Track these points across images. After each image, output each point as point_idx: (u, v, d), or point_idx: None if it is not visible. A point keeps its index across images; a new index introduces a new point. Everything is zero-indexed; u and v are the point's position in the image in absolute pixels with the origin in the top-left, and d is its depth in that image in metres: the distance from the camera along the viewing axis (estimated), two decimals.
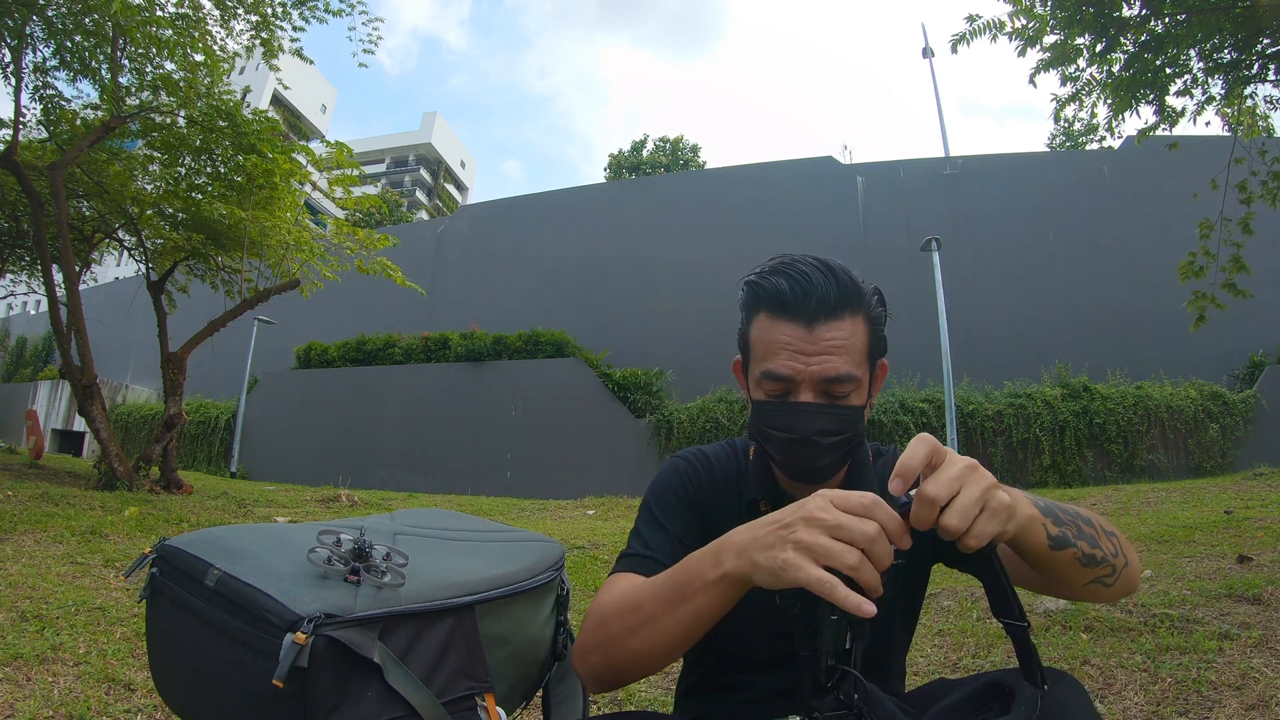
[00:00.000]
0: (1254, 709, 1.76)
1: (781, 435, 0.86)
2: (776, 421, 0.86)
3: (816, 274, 0.84)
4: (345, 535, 0.76)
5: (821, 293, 0.83)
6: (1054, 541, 0.71)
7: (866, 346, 0.87)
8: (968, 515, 0.61)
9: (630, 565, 0.91)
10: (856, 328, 0.86)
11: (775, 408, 0.87)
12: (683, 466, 1.00)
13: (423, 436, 13.01)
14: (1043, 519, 0.71)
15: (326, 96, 46.99)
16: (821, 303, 0.83)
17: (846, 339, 0.84)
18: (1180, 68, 4.05)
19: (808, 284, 0.84)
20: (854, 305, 0.85)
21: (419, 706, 0.72)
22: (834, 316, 0.84)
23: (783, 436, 0.86)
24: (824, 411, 0.84)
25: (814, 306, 0.83)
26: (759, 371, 0.88)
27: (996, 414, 10.04)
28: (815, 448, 0.85)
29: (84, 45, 6.66)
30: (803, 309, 0.84)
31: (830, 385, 0.84)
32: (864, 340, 0.87)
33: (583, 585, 3.46)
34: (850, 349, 0.85)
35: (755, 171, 14.80)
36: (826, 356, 0.83)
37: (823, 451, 0.85)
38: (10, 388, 21.87)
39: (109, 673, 1.96)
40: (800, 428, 0.84)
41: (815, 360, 0.83)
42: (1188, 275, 5.21)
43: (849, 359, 0.84)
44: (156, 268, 8.51)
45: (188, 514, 5.36)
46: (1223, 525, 4.42)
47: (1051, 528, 0.71)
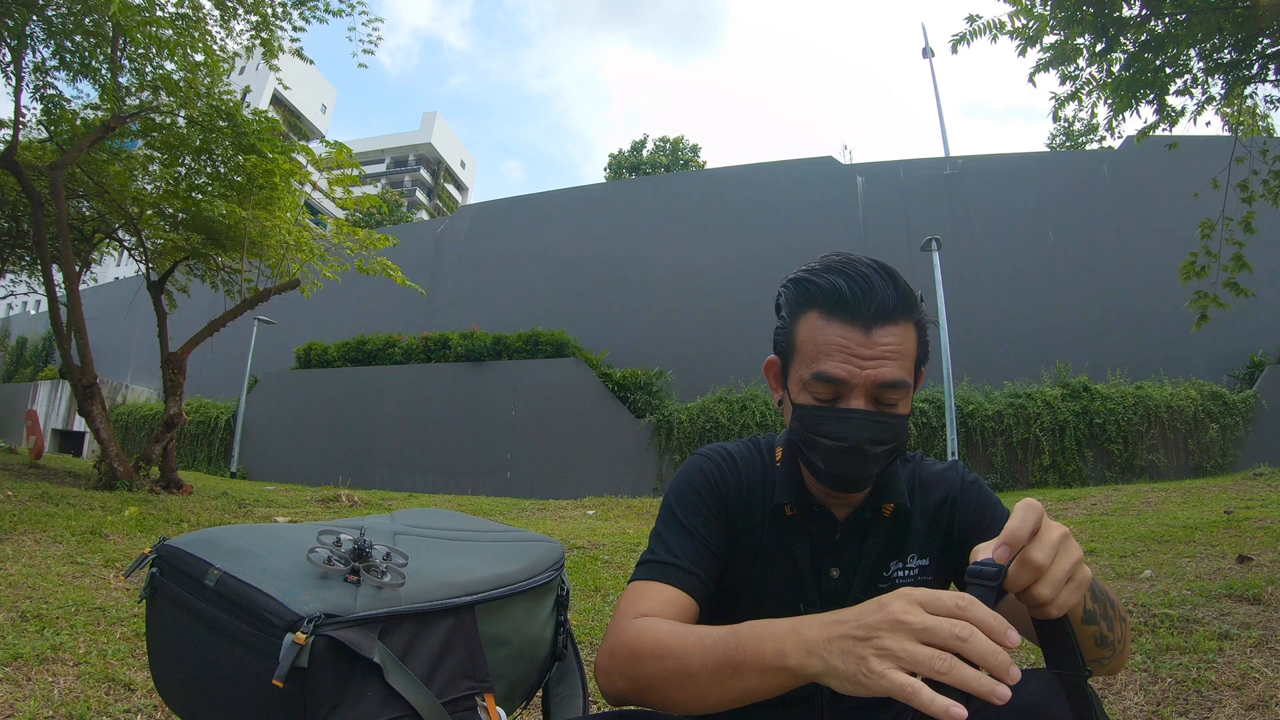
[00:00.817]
0: (1254, 709, 1.76)
1: (830, 443, 0.83)
2: (825, 428, 0.83)
3: (875, 276, 0.82)
4: (345, 535, 0.76)
5: (882, 296, 0.81)
6: (1087, 616, 0.70)
7: (915, 355, 0.86)
8: (1058, 586, 0.60)
9: (657, 574, 0.86)
10: (909, 334, 0.84)
11: (824, 413, 0.83)
12: (707, 465, 0.97)
13: (423, 436, 13.01)
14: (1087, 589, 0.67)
15: (326, 96, 46.97)
16: (881, 306, 0.81)
17: (900, 345, 0.83)
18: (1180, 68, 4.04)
19: (868, 285, 0.82)
20: (909, 312, 0.84)
21: (419, 706, 0.72)
22: (891, 321, 0.82)
23: (831, 444, 0.83)
24: (876, 420, 0.82)
25: (874, 310, 0.81)
26: (809, 373, 0.84)
27: (996, 414, 10.04)
28: (865, 457, 0.83)
29: (84, 45, 6.66)
30: (862, 311, 0.81)
31: (883, 391, 0.82)
32: (914, 347, 0.85)
33: (582, 585, 3.46)
34: (904, 355, 0.83)
35: (755, 171, 14.79)
36: (883, 361, 0.81)
37: (872, 461, 0.83)
38: (10, 388, 21.87)
39: (109, 673, 1.96)
40: (852, 435, 0.82)
41: (871, 364, 0.81)
42: (1189, 275, 5.20)
43: (902, 366, 0.83)
44: (156, 268, 8.51)
45: (188, 514, 5.36)
46: (1223, 525, 4.42)
47: (1090, 602, 0.71)
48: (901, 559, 0.93)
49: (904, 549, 0.93)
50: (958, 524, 0.93)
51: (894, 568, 0.93)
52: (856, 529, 0.93)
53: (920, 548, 0.93)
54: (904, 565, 0.93)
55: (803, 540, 0.94)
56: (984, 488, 0.97)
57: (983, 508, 0.93)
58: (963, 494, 0.95)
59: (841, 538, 0.93)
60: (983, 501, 0.94)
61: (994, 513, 0.93)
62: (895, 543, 0.93)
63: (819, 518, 0.93)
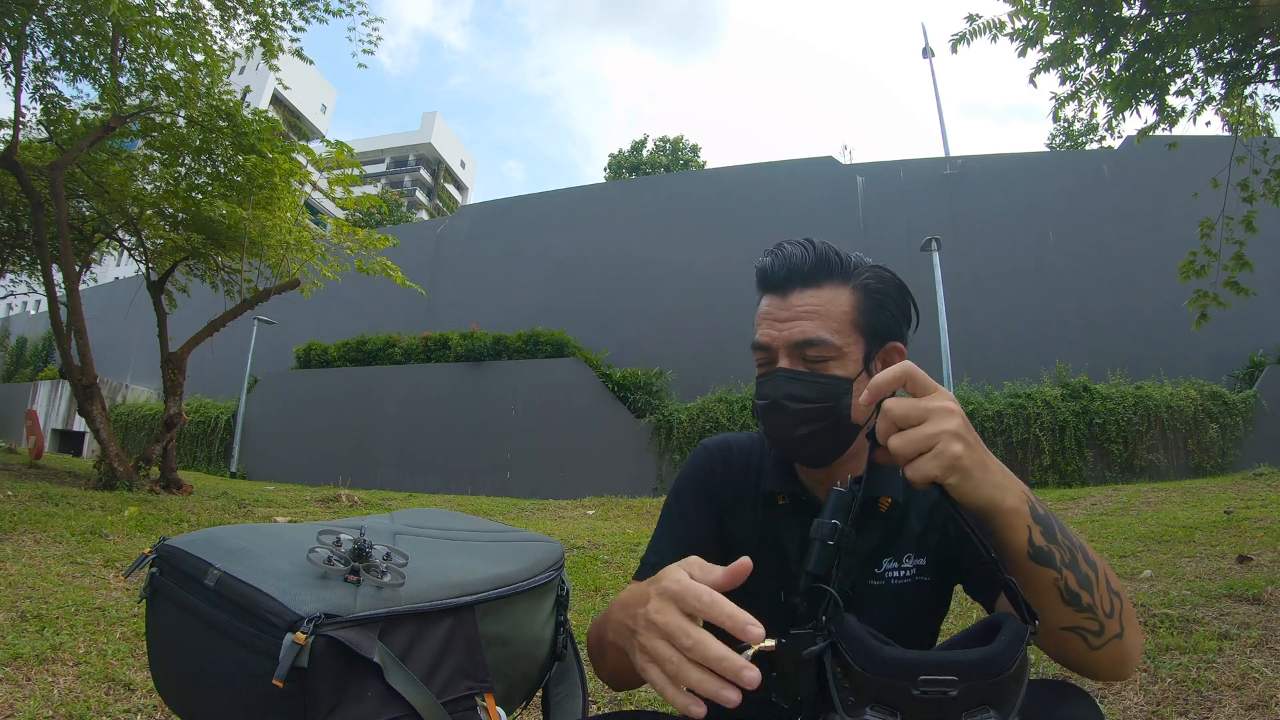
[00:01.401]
0: (1254, 709, 1.76)
1: (760, 403, 0.88)
2: (760, 391, 0.88)
3: (795, 248, 0.88)
4: (345, 535, 0.76)
5: (795, 262, 0.86)
6: (1034, 551, 0.67)
7: (851, 318, 0.86)
8: (912, 445, 0.62)
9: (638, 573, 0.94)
10: (836, 295, 0.86)
11: (759, 379, 0.89)
12: (703, 457, 1.01)
13: (423, 436, 13.01)
14: (1030, 521, 0.67)
15: (326, 96, 46.97)
16: (794, 271, 0.86)
17: (821, 305, 0.85)
18: (1180, 68, 4.04)
19: (783, 255, 0.88)
20: (833, 275, 0.87)
21: (419, 706, 0.72)
22: (809, 284, 0.86)
23: (761, 404, 0.87)
24: (796, 377, 0.84)
25: (786, 275, 0.87)
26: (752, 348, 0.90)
27: (996, 414, 10.04)
28: (785, 412, 0.84)
29: (84, 45, 6.66)
30: (779, 280, 0.87)
31: (802, 350, 0.85)
32: (847, 310, 0.86)
33: (582, 585, 3.46)
34: (826, 315, 0.85)
35: (755, 171, 14.79)
36: (797, 321, 0.85)
37: (793, 418, 0.84)
38: (10, 388, 21.87)
39: (109, 673, 1.96)
40: (772, 391, 0.85)
41: (787, 325, 0.85)
42: (1188, 275, 5.20)
43: (823, 325, 0.85)
44: (156, 268, 8.51)
45: (188, 514, 5.36)
46: (1223, 525, 4.42)
47: (1039, 537, 0.67)
48: (896, 558, 0.91)
49: (899, 547, 0.91)
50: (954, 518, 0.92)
51: (887, 565, 0.91)
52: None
53: (917, 546, 0.91)
54: (899, 565, 0.91)
55: (792, 530, 0.93)
56: None
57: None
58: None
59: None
60: None
61: None
62: (889, 539, 0.92)
63: (809, 507, 0.92)
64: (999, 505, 0.66)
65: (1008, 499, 0.66)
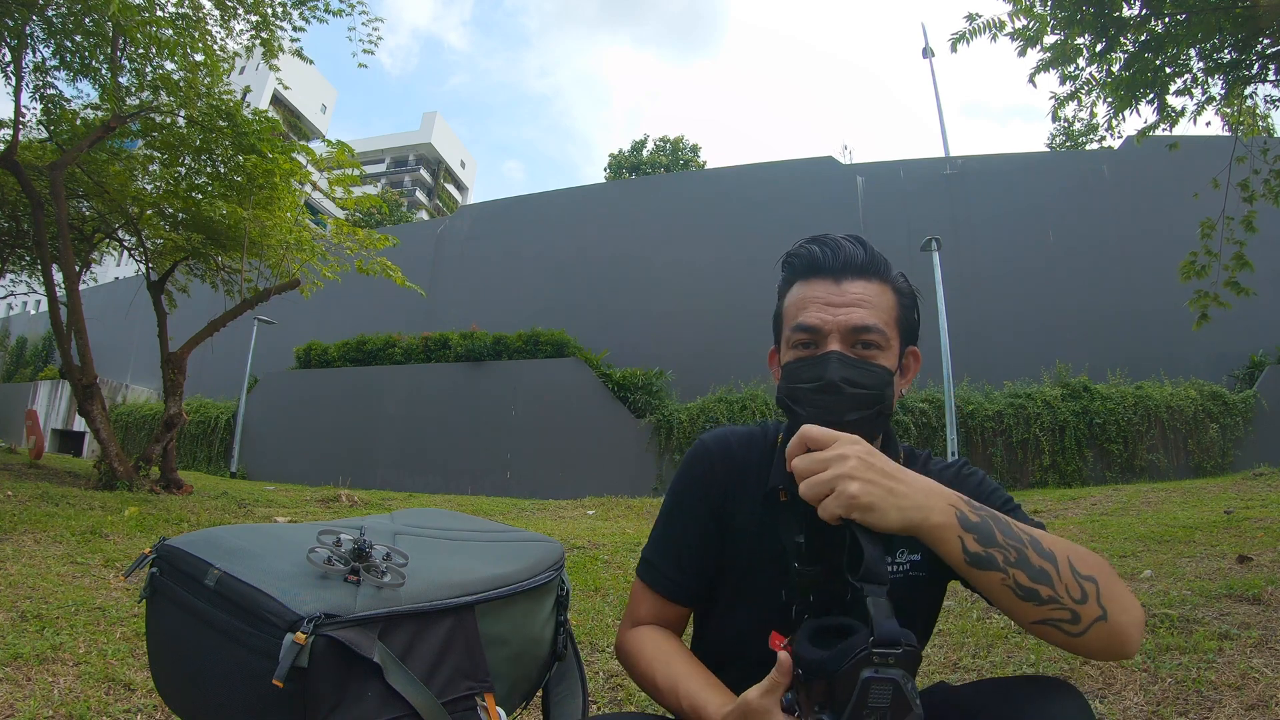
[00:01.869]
0: (1254, 709, 1.76)
1: (808, 386, 0.85)
2: (804, 373, 0.86)
3: (845, 240, 0.90)
4: (345, 535, 0.76)
5: (850, 252, 0.89)
6: (971, 558, 0.69)
7: (895, 314, 0.89)
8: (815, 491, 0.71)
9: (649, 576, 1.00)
10: (883, 293, 0.89)
11: (803, 361, 0.87)
12: (702, 454, 1.01)
13: (423, 436, 13.01)
14: (960, 531, 0.69)
15: (326, 96, 46.96)
16: (849, 261, 0.88)
17: (874, 297, 0.88)
18: (1180, 67, 4.04)
19: (836, 245, 0.89)
20: (881, 272, 0.90)
21: (419, 706, 0.72)
22: (861, 275, 0.88)
23: (809, 387, 0.85)
24: (851, 363, 0.85)
25: (841, 263, 0.88)
26: (789, 329, 0.90)
27: (996, 414, 10.03)
28: (841, 396, 0.83)
29: (84, 45, 6.65)
30: (832, 266, 0.88)
31: (858, 335, 0.85)
32: (892, 306, 0.89)
33: (582, 585, 3.46)
34: (879, 307, 0.87)
35: (755, 171, 14.79)
36: (854, 308, 0.86)
37: (847, 402, 0.83)
38: (10, 388, 21.87)
39: (109, 673, 1.96)
40: (828, 374, 0.84)
41: (843, 311, 0.86)
42: (1189, 275, 5.20)
43: (876, 314, 0.87)
44: (156, 268, 8.51)
45: (188, 514, 5.36)
46: (1223, 525, 4.42)
47: (973, 544, 0.69)
48: (892, 553, 0.91)
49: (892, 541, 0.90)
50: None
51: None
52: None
53: (911, 542, 0.90)
54: (893, 560, 0.91)
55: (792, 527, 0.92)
56: (983, 479, 0.94)
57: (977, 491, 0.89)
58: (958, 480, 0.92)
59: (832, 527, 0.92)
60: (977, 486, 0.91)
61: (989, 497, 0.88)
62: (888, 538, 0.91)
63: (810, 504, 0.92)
64: (920, 525, 0.70)
65: (931, 517, 0.69)
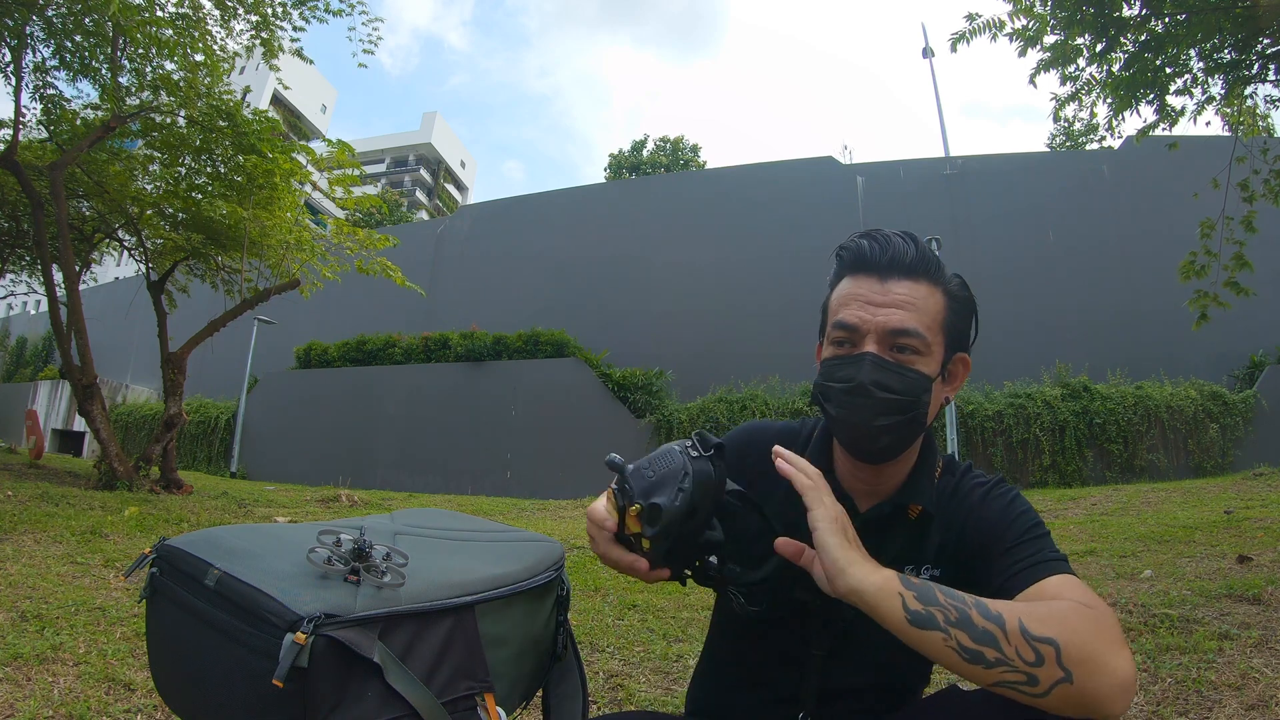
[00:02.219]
0: (1254, 709, 1.75)
1: (839, 385, 0.84)
2: (837, 373, 0.85)
3: (897, 237, 0.87)
4: (345, 535, 0.76)
5: (899, 250, 0.85)
6: (912, 616, 0.69)
7: (942, 319, 0.87)
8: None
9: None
10: (932, 294, 0.86)
11: (838, 360, 0.86)
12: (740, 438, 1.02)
13: (423, 436, 13.01)
14: (901, 590, 0.70)
15: (326, 96, 46.96)
16: (897, 259, 0.85)
17: (919, 299, 0.85)
18: (1180, 67, 4.05)
19: (886, 241, 0.86)
20: (931, 273, 0.86)
21: (419, 706, 0.72)
22: (908, 275, 0.85)
23: (840, 387, 0.84)
24: (885, 365, 0.83)
25: (888, 260, 0.85)
26: (830, 326, 0.88)
27: (996, 414, 10.03)
28: (870, 399, 0.82)
29: (84, 45, 6.66)
30: (877, 262, 0.86)
31: (896, 339, 0.83)
32: (939, 310, 0.87)
33: (582, 585, 3.46)
34: (922, 310, 0.85)
35: (755, 171, 14.79)
36: (894, 309, 0.84)
37: (877, 407, 0.82)
38: (10, 388, 21.87)
39: (109, 673, 1.96)
40: (860, 375, 0.82)
41: (883, 312, 0.84)
42: (1189, 275, 5.21)
43: (918, 318, 0.84)
44: (156, 268, 8.51)
45: (188, 514, 5.36)
46: (1223, 525, 4.42)
47: (913, 602, 0.69)
48: (916, 567, 0.90)
49: (920, 557, 0.90)
50: (970, 528, 0.89)
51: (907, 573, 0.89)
52: (876, 523, 0.91)
53: (935, 557, 0.90)
54: (918, 574, 0.90)
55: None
56: (1012, 496, 0.90)
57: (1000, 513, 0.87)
58: (984, 500, 0.90)
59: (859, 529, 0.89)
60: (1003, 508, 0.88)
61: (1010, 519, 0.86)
62: (914, 547, 0.90)
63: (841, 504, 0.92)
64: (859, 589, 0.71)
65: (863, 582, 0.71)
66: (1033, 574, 0.79)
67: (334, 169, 7.99)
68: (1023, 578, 0.79)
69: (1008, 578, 0.80)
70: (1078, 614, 0.68)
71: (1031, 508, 0.89)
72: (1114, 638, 0.67)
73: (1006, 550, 0.83)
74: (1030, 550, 0.82)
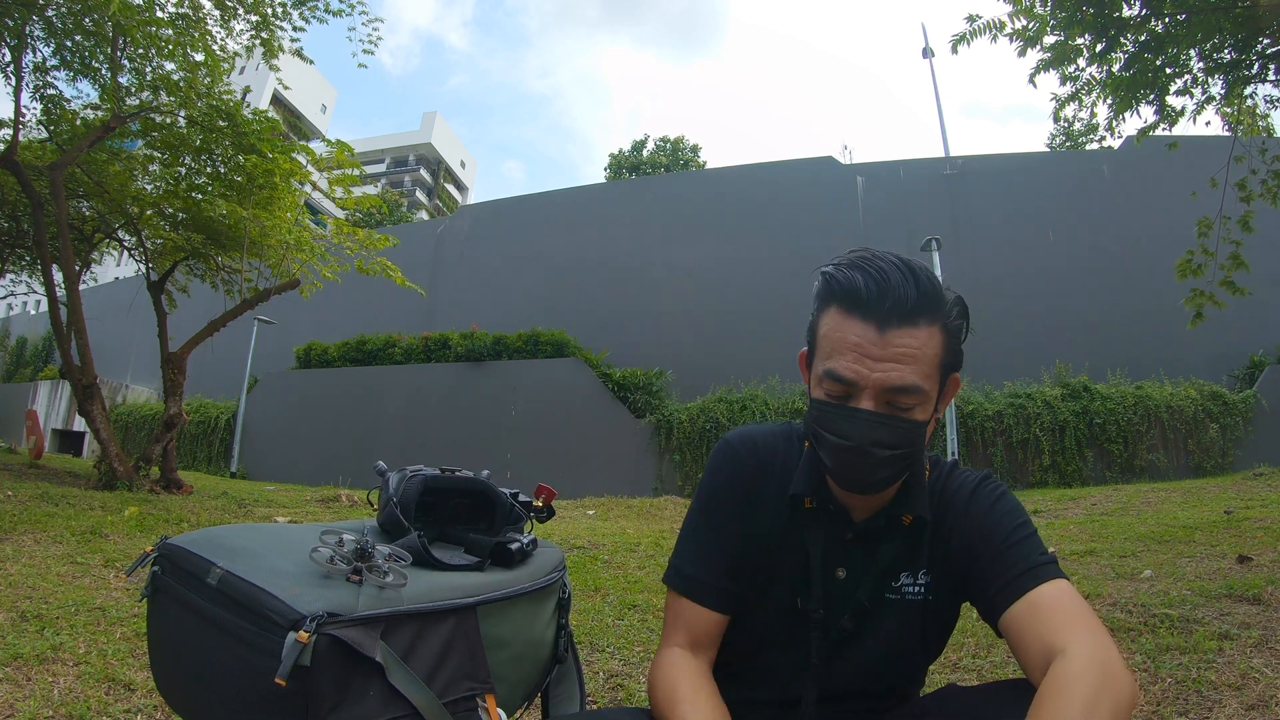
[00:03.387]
0: (1254, 709, 1.76)
1: (834, 440, 0.82)
2: (832, 425, 0.82)
3: (895, 273, 0.79)
4: (348, 535, 0.77)
5: (899, 294, 0.78)
6: None
7: (939, 358, 0.82)
8: None
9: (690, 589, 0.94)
10: (931, 337, 0.81)
11: (833, 410, 0.82)
12: (729, 455, 0.98)
13: (423, 436, 13.01)
14: None
15: (326, 96, 46.96)
16: (897, 305, 0.78)
17: (919, 348, 0.79)
18: (1180, 68, 4.05)
19: (884, 282, 0.79)
20: (931, 312, 0.80)
21: (420, 706, 0.72)
22: (908, 322, 0.79)
23: (835, 442, 0.82)
24: (883, 422, 0.80)
25: (888, 308, 0.79)
26: (822, 369, 0.83)
27: (996, 414, 10.04)
28: (869, 459, 0.81)
29: (84, 45, 6.66)
30: (876, 309, 0.79)
31: (894, 395, 0.80)
32: (938, 351, 0.82)
33: (582, 585, 3.46)
34: (921, 359, 0.80)
35: (755, 171, 14.79)
36: (894, 365, 0.79)
37: (876, 464, 0.81)
38: (10, 388, 21.85)
39: (109, 673, 1.96)
40: (856, 435, 0.80)
41: (881, 367, 0.79)
42: (1186, 273, 5.22)
43: (918, 370, 0.79)
44: (156, 268, 8.51)
45: (188, 514, 5.36)
46: (1223, 525, 4.42)
47: None
48: (913, 574, 0.91)
49: (914, 562, 0.91)
50: (957, 530, 0.89)
51: (903, 579, 0.91)
52: (870, 533, 0.91)
53: (928, 563, 0.91)
54: (914, 581, 0.91)
55: (816, 536, 0.92)
56: (998, 494, 0.90)
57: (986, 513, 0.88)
58: (971, 499, 0.90)
59: (853, 539, 0.91)
60: (989, 508, 0.88)
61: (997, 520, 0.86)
62: (909, 554, 0.91)
63: (836, 515, 0.92)
64: None
65: None
66: (1026, 581, 0.79)
67: (334, 169, 7.99)
68: (1016, 585, 0.79)
69: (1001, 585, 0.81)
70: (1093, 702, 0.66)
71: (1018, 504, 0.89)
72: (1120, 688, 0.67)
73: (996, 555, 0.83)
74: (1020, 554, 0.82)
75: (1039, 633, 0.74)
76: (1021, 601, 0.78)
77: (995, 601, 0.81)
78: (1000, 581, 0.81)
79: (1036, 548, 0.83)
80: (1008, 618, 0.79)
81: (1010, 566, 0.81)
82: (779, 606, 0.92)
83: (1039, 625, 0.75)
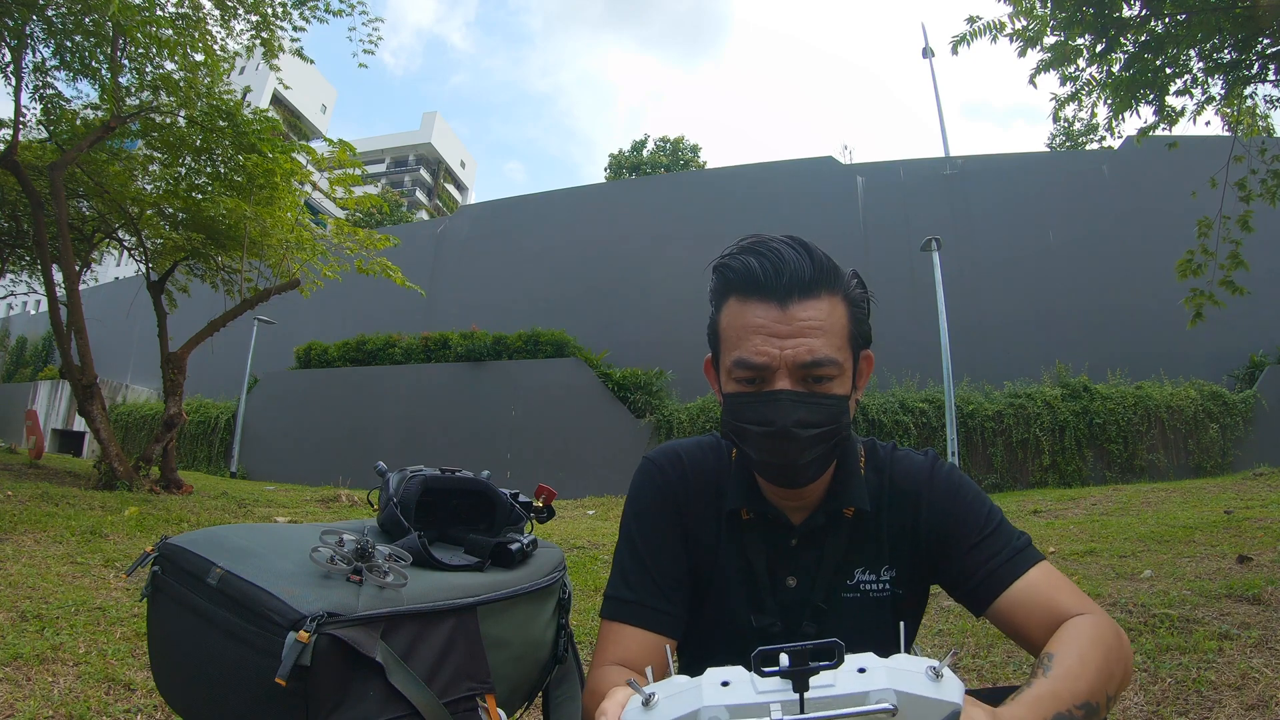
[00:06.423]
0: (1254, 709, 1.76)
1: (757, 430, 0.78)
2: (750, 414, 0.79)
3: (788, 249, 0.78)
4: (348, 535, 0.76)
5: (794, 268, 0.77)
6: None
7: (847, 330, 0.80)
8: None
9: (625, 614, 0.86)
10: (835, 308, 0.79)
11: (750, 398, 0.79)
12: (655, 472, 0.93)
13: (423, 436, 13.00)
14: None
15: (326, 96, 46.94)
16: (795, 279, 0.77)
17: (824, 319, 0.78)
18: (1180, 68, 4.05)
19: (779, 260, 0.78)
20: (831, 283, 0.79)
21: (420, 706, 0.72)
22: (809, 295, 0.78)
23: (758, 430, 0.78)
24: (803, 400, 0.77)
25: (786, 283, 0.77)
26: (731, 360, 0.80)
27: (996, 414, 10.04)
28: (795, 441, 0.77)
29: (84, 45, 6.66)
30: (774, 287, 0.77)
31: (809, 370, 0.77)
32: (844, 323, 0.80)
33: (582, 585, 3.46)
34: (829, 330, 0.78)
35: (755, 171, 14.79)
36: (803, 338, 0.77)
37: (803, 445, 0.77)
38: (10, 388, 21.86)
39: (109, 673, 1.96)
40: (778, 418, 0.76)
41: (790, 343, 0.77)
42: (1185, 273, 5.22)
43: (828, 342, 0.77)
44: (156, 268, 8.51)
45: (188, 514, 5.36)
46: (1223, 525, 4.42)
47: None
48: (873, 570, 0.88)
49: (873, 558, 0.88)
50: (923, 521, 0.87)
51: (860, 577, 0.88)
52: (813, 534, 0.88)
53: (892, 557, 0.88)
54: (876, 578, 0.88)
55: (758, 547, 0.88)
56: (957, 478, 0.88)
57: (952, 501, 0.86)
58: (930, 487, 0.88)
59: (798, 544, 0.88)
60: (953, 495, 0.86)
61: (966, 508, 0.85)
62: (858, 549, 0.88)
63: (774, 523, 0.88)
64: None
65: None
66: (1011, 570, 0.80)
67: (335, 169, 8.00)
68: (1001, 575, 0.80)
69: (987, 574, 0.81)
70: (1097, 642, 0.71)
71: (977, 488, 0.88)
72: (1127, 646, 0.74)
73: (974, 546, 0.83)
74: (999, 543, 0.82)
75: (1045, 608, 0.76)
76: (1014, 587, 0.79)
77: (982, 590, 0.81)
78: (985, 570, 0.81)
79: (1011, 533, 0.83)
80: (1001, 604, 0.79)
81: (993, 556, 0.81)
82: (733, 626, 0.89)
83: (1041, 604, 0.76)
